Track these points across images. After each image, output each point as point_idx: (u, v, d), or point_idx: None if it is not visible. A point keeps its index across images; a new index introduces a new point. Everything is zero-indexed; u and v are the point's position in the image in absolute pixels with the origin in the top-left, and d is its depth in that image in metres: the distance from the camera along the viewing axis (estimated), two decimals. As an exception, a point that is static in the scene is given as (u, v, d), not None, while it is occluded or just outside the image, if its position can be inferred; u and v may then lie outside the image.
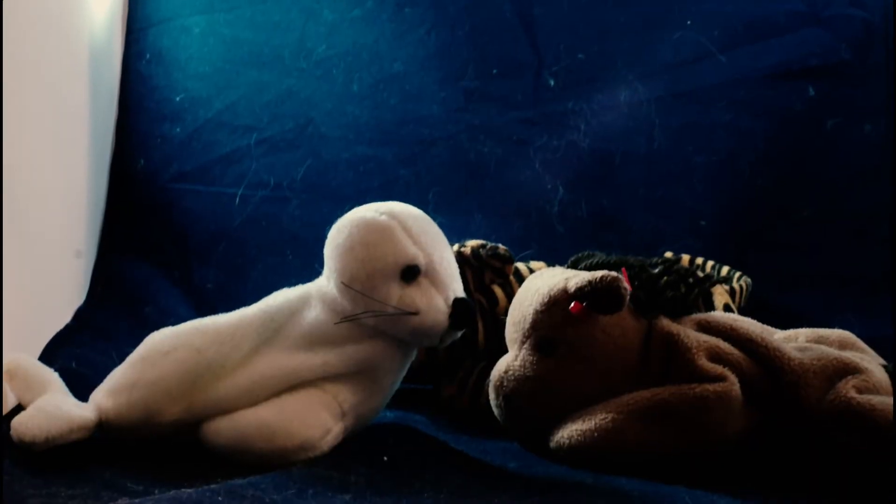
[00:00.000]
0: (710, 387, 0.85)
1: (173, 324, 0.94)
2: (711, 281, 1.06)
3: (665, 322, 0.91)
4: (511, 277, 1.13)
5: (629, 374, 0.89)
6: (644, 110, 1.45)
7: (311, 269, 1.41)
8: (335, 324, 0.90)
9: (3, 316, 0.93)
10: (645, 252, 1.33)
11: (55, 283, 1.21)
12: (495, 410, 0.95)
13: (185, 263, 1.45)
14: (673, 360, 0.88)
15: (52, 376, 0.96)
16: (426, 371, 1.11)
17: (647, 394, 0.86)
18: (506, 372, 0.92)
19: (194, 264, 1.45)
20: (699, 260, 1.33)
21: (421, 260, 0.89)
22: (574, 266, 0.98)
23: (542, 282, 0.93)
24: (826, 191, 1.41)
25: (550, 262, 1.21)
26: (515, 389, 0.91)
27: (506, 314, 1.10)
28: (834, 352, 0.91)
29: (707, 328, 0.92)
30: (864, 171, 1.40)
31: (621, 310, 0.87)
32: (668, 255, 1.35)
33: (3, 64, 0.95)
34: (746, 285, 1.27)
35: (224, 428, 0.87)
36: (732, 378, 0.86)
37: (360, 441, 0.91)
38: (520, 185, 1.47)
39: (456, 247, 1.10)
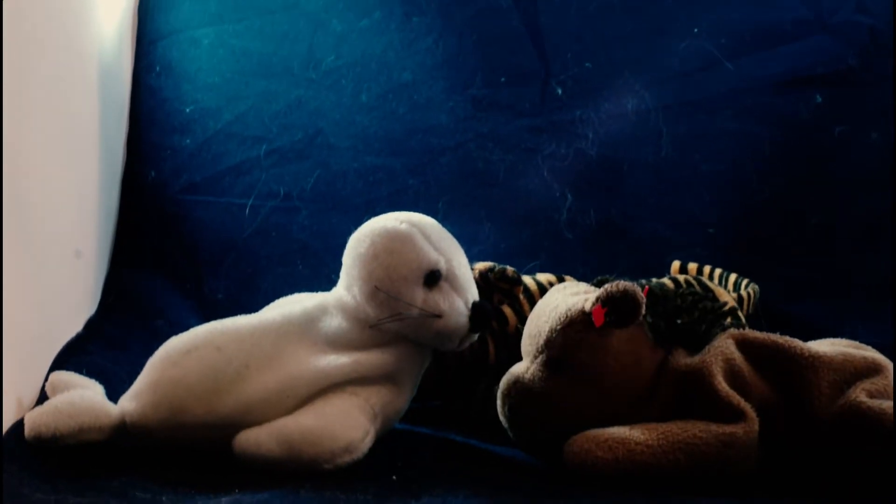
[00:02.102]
0: (738, 427, 0.85)
1: (184, 334, 0.95)
2: (733, 315, 1.06)
3: (681, 355, 0.91)
4: (521, 296, 1.13)
5: (634, 401, 0.90)
6: (651, 118, 1.46)
7: (321, 278, 1.42)
8: (370, 327, 0.92)
9: (14, 326, 0.93)
10: (653, 260, 1.33)
11: (66, 294, 1.21)
12: (501, 416, 0.96)
13: (196, 274, 1.46)
14: (692, 389, 0.88)
15: (95, 386, 0.99)
16: (435, 388, 1.11)
17: (675, 429, 0.86)
18: (515, 383, 0.93)
19: (205, 275, 1.45)
20: (707, 268, 1.33)
21: (442, 265, 0.92)
22: (598, 286, 0.97)
23: (561, 298, 0.93)
24: (833, 198, 1.41)
25: (559, 271, 1.21)
26: (522, 401, 0.92)
27: (517, 332, 1.10)
28: (862, 353, 0.92)
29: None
30: (871, 178, 1.40)
31: (637, 319, 0.88)
32: (676, 263, 1.35)
33: (6, 77, 0.95)
34: (754, 293, 1.27)
35: (265, 438, 0.87)
36: (752, 415, 0.86)
37: (368, 455, 0.91)
38: (528, 194, 1.47)
39: None
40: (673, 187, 1.44)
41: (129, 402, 0.91)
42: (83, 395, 0.93)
